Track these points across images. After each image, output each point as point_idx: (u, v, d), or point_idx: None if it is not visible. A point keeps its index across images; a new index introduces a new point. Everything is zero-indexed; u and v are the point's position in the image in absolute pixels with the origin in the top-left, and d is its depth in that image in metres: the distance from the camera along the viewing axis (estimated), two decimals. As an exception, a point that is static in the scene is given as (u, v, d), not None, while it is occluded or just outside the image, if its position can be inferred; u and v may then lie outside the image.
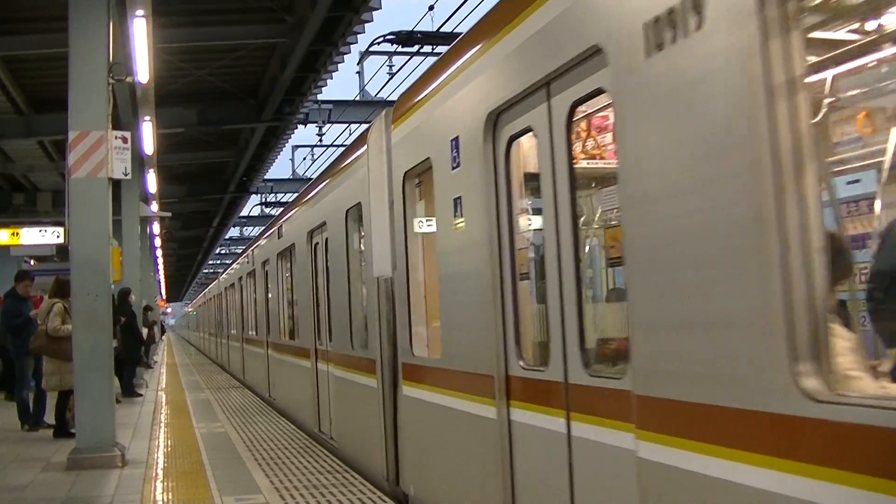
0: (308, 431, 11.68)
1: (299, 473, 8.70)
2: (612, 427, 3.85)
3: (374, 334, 7.71)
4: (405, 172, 6.76)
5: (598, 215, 5.81)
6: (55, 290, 11.67)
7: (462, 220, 5.48)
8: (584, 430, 4.12)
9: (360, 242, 9.00)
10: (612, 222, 5.47)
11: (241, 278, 21.79)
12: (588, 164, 5.49)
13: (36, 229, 21.86)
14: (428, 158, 6.14)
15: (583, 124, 5.32)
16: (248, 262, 19.79)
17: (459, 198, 5.47)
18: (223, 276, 30.03)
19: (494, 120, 4.99)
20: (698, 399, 3.12)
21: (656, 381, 3.39)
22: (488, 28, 5.26)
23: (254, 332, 18.96)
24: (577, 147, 5.21)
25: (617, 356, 4.31)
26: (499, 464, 5.05)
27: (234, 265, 25.18)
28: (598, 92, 4.00)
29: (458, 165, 5.48)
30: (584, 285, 4.42)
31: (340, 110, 22.64)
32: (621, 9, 3.60)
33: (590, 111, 4.93)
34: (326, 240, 10.39)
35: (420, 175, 6.74)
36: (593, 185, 5.79)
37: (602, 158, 5.48)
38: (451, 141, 5.53)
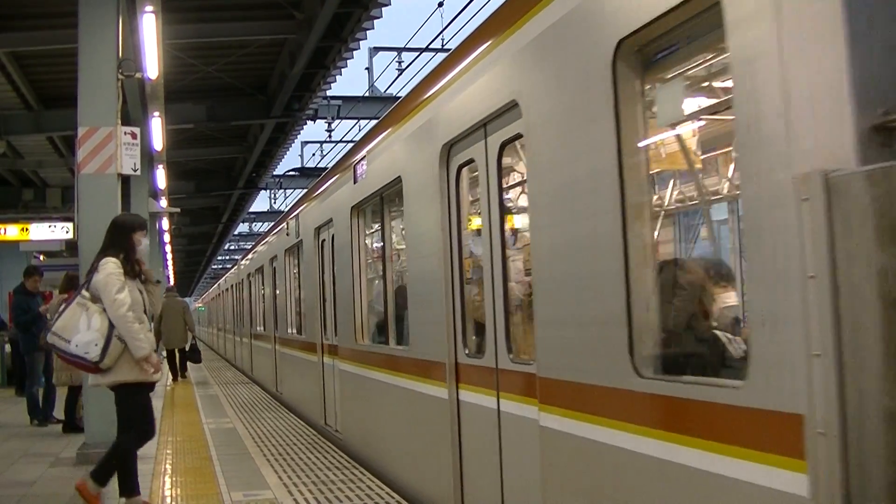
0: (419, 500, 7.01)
1: (307, 469, 8.70)
2: None
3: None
4: None
5: None
6: (65, 286, 11.71)
7: None
8: None
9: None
10: None
11: (273, 259, 16.85)
12: None
13: (45, 225, 21.93)
14: None
15: None
16: (288, 235, 14.46)
17: None
18: (244, 261, 24.90)
19: None
20: None
21: None
22: None
23: (294, 331, 14.49)
24: None
25: None
26: None
27: (263, 243, 19.89)
28: None
29: None
30: None
31: (350, 106, 22.66)
32: None
33: None
34: (497, 155, 5.36)
35: None
36: None
37: None
38: None
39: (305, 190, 17.50)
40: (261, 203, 68.12)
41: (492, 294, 5.48)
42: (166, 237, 30.66)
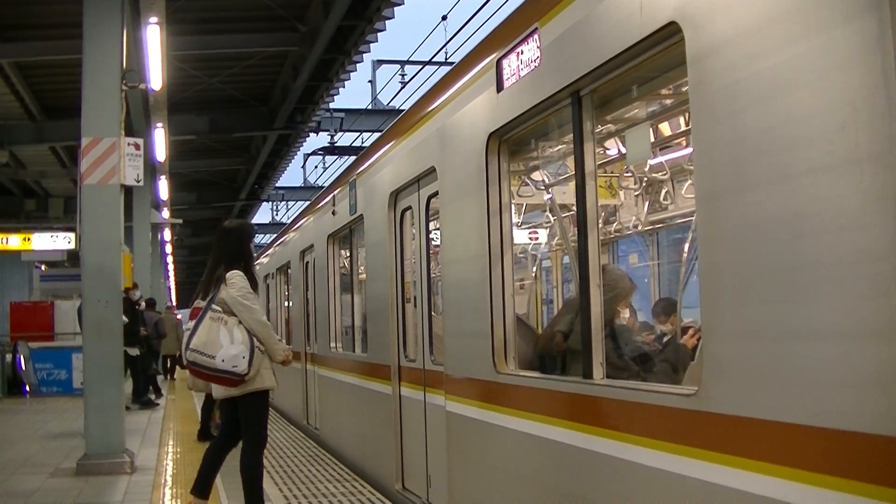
0: None
1: (308, 482, 8.67)
2: None
3: None
4: None
5: None
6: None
7: None
8: None
9: None
10: None
11: (304, 252, 12.72)
12: None
13: (47, 235, 22.00)
14: None
15: None
16: (335, 215, 10.22)
17: None
18: (277, 245, 17.15)
19: None
20: None
21: None
22: None
23: (338, 346, 10.77)
24: None
25: None
26: None
27: (289, 233, 15.25)
28: None
29: None
30: None
31: (352, 119, 22.69)
32: None
33: None
34: None
35: None
36: None
37: None
38: None
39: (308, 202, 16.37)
40: (263, 215, 68.31)
41: None
42: (168, 248, 30.70)
